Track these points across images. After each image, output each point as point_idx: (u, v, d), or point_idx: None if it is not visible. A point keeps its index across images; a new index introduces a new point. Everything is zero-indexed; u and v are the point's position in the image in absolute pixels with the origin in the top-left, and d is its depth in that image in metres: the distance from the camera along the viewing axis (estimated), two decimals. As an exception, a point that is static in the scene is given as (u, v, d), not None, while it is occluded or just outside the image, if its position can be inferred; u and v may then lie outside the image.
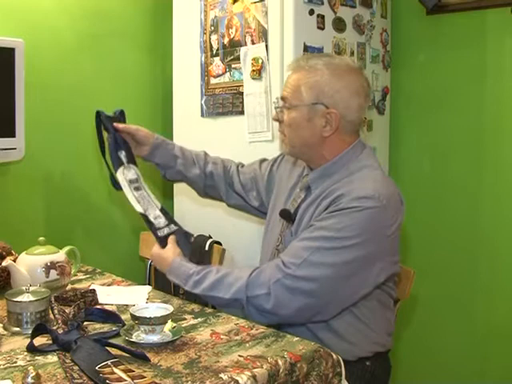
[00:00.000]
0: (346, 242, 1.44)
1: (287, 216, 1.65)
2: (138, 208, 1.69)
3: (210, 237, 2.21)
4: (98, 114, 1.80)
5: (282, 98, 1.61)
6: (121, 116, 1.84)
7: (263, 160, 1.97)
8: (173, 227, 1.72)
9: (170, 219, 1.73)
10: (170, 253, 1.65)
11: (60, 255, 1.73)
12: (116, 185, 1.76)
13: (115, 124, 1.79)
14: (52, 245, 1.76)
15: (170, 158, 1.90)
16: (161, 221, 1.70)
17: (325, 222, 1.48)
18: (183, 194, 2.51)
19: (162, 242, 1.68)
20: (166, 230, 1.70)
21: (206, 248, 2.14)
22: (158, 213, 1.72)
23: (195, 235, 2.08)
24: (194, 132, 2.53)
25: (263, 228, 1.87)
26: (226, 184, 1.96)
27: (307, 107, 1.55)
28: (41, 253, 1.70)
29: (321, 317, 1.51)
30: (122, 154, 1.77)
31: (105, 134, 1.81)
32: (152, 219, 1.69)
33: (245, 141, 2.30)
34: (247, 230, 2.30)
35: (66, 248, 1.80)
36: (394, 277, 1.64)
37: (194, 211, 2.49)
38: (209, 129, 2.48)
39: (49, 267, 1.67)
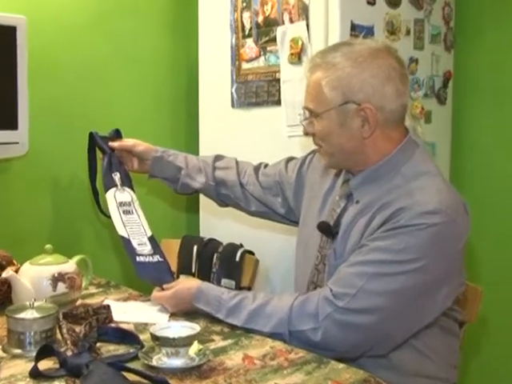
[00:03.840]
0: (407, 266, 1.42)
1: (327, 230, 1.64)
2: (121, 231, 1.79)
3: (241, 245, 2.24)
4: (92, 136, 1.96)
5: (307, 108, 1.60)
6: (116, 135, 1.99)
7: (290, 159, 1.98)
8: (157, 258, 1.80)
9: (157, 250, 1.82)
10: (194, 281, 1.71)
11: (69, 265, 1.74)
12: (102, 212, 1.93)
13: (110, 143, 1.96)
14: (60, 253, 1.77)
15: (174, 171, 1.98)
16: (146, 248, 1.79)
17: (381, 242, 1.45)
18: (208, 205, 2.51)
19: (140, 270, 1.74)
20: (147, 259, 1.77)
21: (237, 258, 2.17)
22: (145, 240, 1.81)
23: (224, 244, 2.19)
24: (223, 126, 2.55)
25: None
26: (243, 189, 1.98)
27: (336, 110, 1.53)
28: (47, 263, 1.71)
29: (377, 351, 1.51)
30: (117, 176, 1.91)
31: (99, 156, 1.95)
32: (135, 245, 1.78)
33: (283, 135, 2.30)
34: (282, 239, 2.31)
35: (76, 257, 1.81)
36: (458, 297, 1.62)
37: (221, 221, 2.53)
38: (240, 121, 2.49)
39: (56, 279, 1.67)
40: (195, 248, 2.29)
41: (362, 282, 1.44)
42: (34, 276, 1.66)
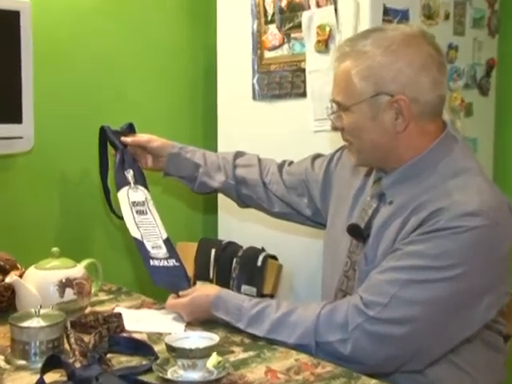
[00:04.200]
0: (445, 273, 1.41)
1: (357, 233, 1.64)
2: (134, 232, 1.81)
3: (263, 249, 2.24)
4: (103, 130, 1.96)
5: (334, 101, 1.60)
6: (129, 130, 2.01)
7: (317, 156, 1.98)
8: (172, 263, 1.81)
9: (173, 254, 1.83)
10: (212, 287, 1.73)
11: (78, 270, 1.74)
12: (114, 213, 1.96)
13: (123, 138, 1.98)
14: (68, 257, 1.77)
15: (191, 168, 2.00)
16: (160, 251, 1.81)
17: (416, 246, 1.45)
18: (228, 205, 2.50)
19: (154, 275, 1.75)
20: (162, 263, 1.78)
21: (259, 263, 2.17)
22: (160, 243, 1.83)
23: (244, 247, 2.24)
24: (244, 120, 2.56)
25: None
26: (265, 189, 1.99)
27: (367, 103, 1.53)
28: (54, 267, 1.71)
29: (412, 366, 1.49)
30: (130, 174, 1.93)
31: (110, 152, 1.98)
32: (149, 247, 1.79)
33: (309, 130, 2.30)
34: (307, 242, 2.31)
35: (85, 261, 1.82)
36: (502, 308, 1.60)
37: (241, 223, 2.54)
38: (262, 115, 2.49)
39: (64, 285, 1.67)
40: (213, 252, 2.29)
41: (395, 289, 1.43)
42: (40, 281, 1.66)
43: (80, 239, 2.45)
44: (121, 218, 1.89)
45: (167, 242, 1.86)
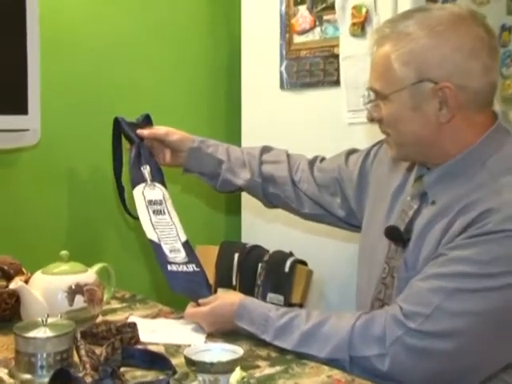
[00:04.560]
0: (495, 282, 1.39)
1: (396, 236, 1.63)
2: (151, 234, 1.80)
3: (291, 254, 2.24)
4: (117, 122, 1.97)
5: (372, 89, 1.59)
6: (146, 122, 2.01)
7: (351, 151, 1.97)
8: (192, 268, 1.81)
9: (193, 258, 1.83)
10: (235, 295, 1.74)
11: (89, 275, 1.75)
12: (129, 213, 1.96)
13: (139, 131, 1.97)
14: (78, 261, 1.77)
15: (213, 165, 2.01)
16: (179, 255, 1.81)
17: (463, 251, 1.43)
18: (252, 205, 2.51)
19: (172, 281, 1.75)
20: (181, 268, 1.78)
21: (286, 269, 2.17)
22: (178, 246, 1.82)
23: (270, 251, 2.24)
24: (271, 111, 2.56)
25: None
26: (295, 187, 1.99)
27: (408, 91, 1.52)
28: (63, 272, 1.71)
29: None
30: (146, 170, 1.93)
31: (125, 146, 1.98)
32: (166, 251, 1.79)
33: (342, 122, 2.31)
34: (340, 246, 2.32)
35: (97, 266, 1.83)
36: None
37: (268, 225, 2.56)
38: (291, 106, 2.50)
39: (73, 291, 1.68)
40: (236, 256, 2.29)
41: (439, 299, 1.42)
42: (47, 287, 1.67)
43: (91, 241, 2.45)
44: (136, 218, 1.89)
45: (186, 244, 1.85)
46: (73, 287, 1.68)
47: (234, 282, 2.28)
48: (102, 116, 2.29)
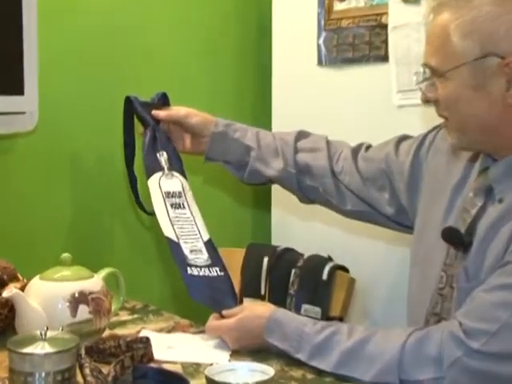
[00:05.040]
0: None
1: (456, 240, 1.60)
2: (168, 231, 1.80)
3: (330, 259, 2.24)
4: (130, 102, 1.96)
5: (427, 65, 1.58)
6: (163, 102, 1.99)
7: (402, 138, 1.95)
8: (216, 272, 1.80)
9: (217, 260, 1.83)
10: (264, 306, 1.73)
11: (94, 282, 1.73)
12: (143, 208, 1.98)
13: (155, 112, 1.95)
14: (81, 265, 1.76)
15: (240, 152, 1.99)
16: (201, 257, 1.80)
17: None
18: (283, 200, 2.55)
19: (191, 287, 1.75)
20: (202, 272, 1.78)
21: (324, 277, 2.16)
22: (200, 246, 1.82)
23: (306, 256, 2.25)
24: (306, 90, 2.55)
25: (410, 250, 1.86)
26: (335, 180, 1.96)
27: (469, 67, 1.50)
28: (64, 278, 1.70)
29: None
30: (163, 157, 1.92)
31: (138, 130, 1.98)
32: (186, 251, 1.78)
33: (391, 104, 2.31)
34: (388, 250, 2.33)
35: (104, 271, 1.81)
36: None
37: (302, 223, 2.56)
38: (330, 85, 2.50)
39: (77, 301, 1.66)
40: (265, 261, 2.29)
41: (507, 314, 1.40)
42: (46, 296, 1.66)
43: (97, 242, 2.46)
44: (150, 213, 1.90)
45: (209, 244, 1.84)
46: (76, 296, 1.67)
47: (262, 291, 2.29)
48: (109, 95, 2.33)
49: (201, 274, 1.78)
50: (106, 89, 2.40)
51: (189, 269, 1.77)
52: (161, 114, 1.97)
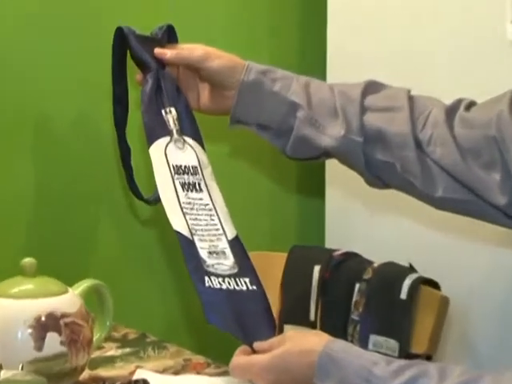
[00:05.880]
0: None
1: None
2: (178, 223, 1.65)
3: (412, 268, 2.18)
4: (122, 34, 1.79)
5: None
6: (168, 37, 1.84)
7: None
8: (245, 284, 1.66)
9: (246, 267, 1.70)
10: (314, 337, 1.60)
11: (69, 300, 1.65)
12: (139, 193, 1.85)
13: (158, 50, 1.78)
14: (51, 275, 1.69)
15: (282, 112, 1.82)
16: (223, 263, 1.66)
17: None
18: (343, 182, 2.52)
19: (208, 306, 1.58)
20: (225, 284, 1.62)
21: (403, 295, 2.09)
22: (224, 246, 1.69)
23: (376, 264, 2.21)
24: (381, 23, 2.49)
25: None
26: (420, 153, 1.80)
27: None
28: (25, 293, 1.64)
29: None
30: (171, 115, 1.76)
31: (133, 79, 1.85)
32: (202, 253, 1.64)
33: (504, 39, 2.21)
34: (497, 257, 2.25)
35: (83, 284, 1.74)
36: None
37: (370, 220, 2.54)
38: (416, 11, 2.41)
39: (44, 327, 1.57)
40: (316, 271, 2.22)
41: None
42: (1, 319, 1.60)
43: (72, 244, 2.39)
44: (151, 202, 1.78)
45: (236, 244, 1.68)
46: (42, 319, 1.58)
47: (312, 315, 2.22)
48: (90, 30, 2.29)
49: (223, 287, 1.62)
50: (83, 23, 2.34)
51: (207, 279, 1.60)
52: (168, 53, 1.78)
